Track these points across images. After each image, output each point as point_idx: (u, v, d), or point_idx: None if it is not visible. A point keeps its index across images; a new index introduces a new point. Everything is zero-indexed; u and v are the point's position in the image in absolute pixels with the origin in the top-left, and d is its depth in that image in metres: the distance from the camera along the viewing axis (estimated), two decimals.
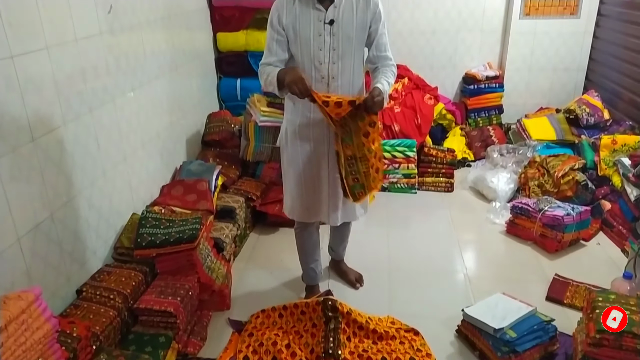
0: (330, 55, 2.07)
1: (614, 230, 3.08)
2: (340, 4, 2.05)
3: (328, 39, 2.05)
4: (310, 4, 2.04)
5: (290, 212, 2.40)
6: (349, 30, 2.06)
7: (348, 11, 2.05)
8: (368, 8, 2.07)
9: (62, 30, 2.05)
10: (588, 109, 3.96)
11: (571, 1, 4.28)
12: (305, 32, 2.06)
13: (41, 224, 1.93)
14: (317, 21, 2.04)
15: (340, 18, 2.04)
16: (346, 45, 2.07)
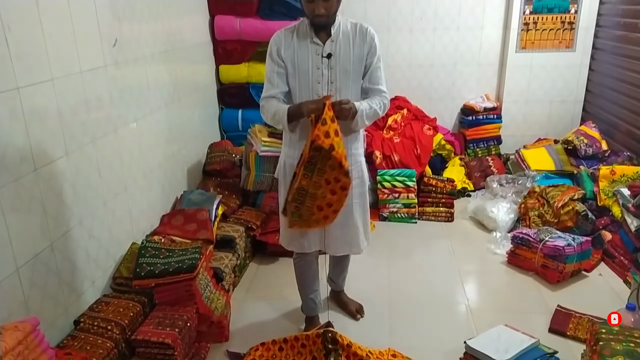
0: (328, 88, 2.11)
1: (615, 261, 3.07)
2: (338, 38, 2.10)
3: (326, 72, 2.09)
4: (307, 38, 2.09)
5: (288, 244, 2.40)
6: (346, 64, 2.10)
7: (345, 45, 2.10)
8: (364, 42, 2.12)
9: (68, 62, 2.10)
10: (586, 140, 4.00)
11: (566, 35, 4.38)
12: (304, 65, 2.10)
13: (41, 254, 1.93)
14: (314, 55, 2.09)
15: (338, 52, 2.09)
16: (343, 79, 2.11)
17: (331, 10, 2.02)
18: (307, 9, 2.03)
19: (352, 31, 2.12)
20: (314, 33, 2.09)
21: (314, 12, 2.00)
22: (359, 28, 2.13)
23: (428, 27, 4.52)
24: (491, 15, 4.46)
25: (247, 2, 3.86)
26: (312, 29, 2.10)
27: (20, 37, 1.81)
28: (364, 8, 4.44)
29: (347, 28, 2.13)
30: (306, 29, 2.11)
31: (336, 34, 2.10)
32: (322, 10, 1.99)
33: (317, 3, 1.98)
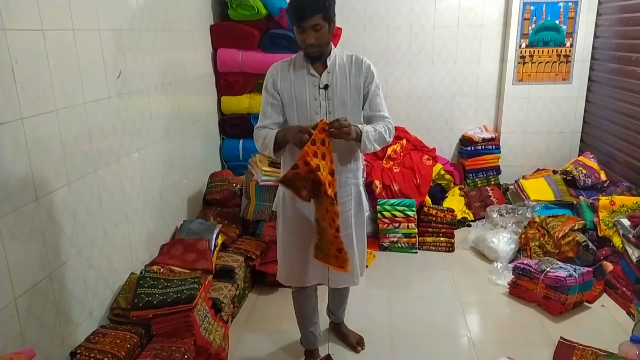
0: (326, 119, 2.12)
1: (617, 292, 3.04)
2: (334, 69, 2.12)
3: (324, 103, 2.12)
4: (304, 69, 2.12)
5: (287, 279, 2.37)
6: (343, 95, 2.12)
7: (341, 76, 2.12)
8: (360, 72, 2.14)
9: (72, 94, 2.13)
10: (584, 171, 4.02)
11: (563, 68, 4.46)
12: (301, 97, 2.13)
13: (39, 284, 1.92)
14: (312, 86, 2.12)
15: (334, 83, 2.11)
16: (341, 109, 2.13)
17: (322, 40, 2.02)
18: (299, 39, 2.04)
19: (347, 62, 2.15)
20: (310, 64, 2.12)
21: (305, 42, 2.01)
22: (355, 59, 2.15)
23: (426, 60, 4.61)
24: (487, 48, 4.56)
25: (250, 36, 3.95)
26: (308, 61, 2.12)
27: (26, 69, 1.85)
28: (363, 42, 4.54)
29: (343, 60, 2.15)
30: (302, 61, 2.13)
31: (332, 66, 2.12)
32: (313, 39, 1.99)
33: (308, 33, 1.99)
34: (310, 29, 1.98)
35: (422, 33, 4.55)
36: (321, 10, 1.96)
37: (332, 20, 2.05)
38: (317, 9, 1.95)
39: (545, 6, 4.31)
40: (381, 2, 4.50)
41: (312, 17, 1.95)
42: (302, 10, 1.95)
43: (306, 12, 1.95)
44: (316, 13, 1.95)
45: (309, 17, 1.95)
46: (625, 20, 3.89)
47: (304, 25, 1.97)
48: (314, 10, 1.95)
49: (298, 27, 2.00)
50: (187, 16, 3.49)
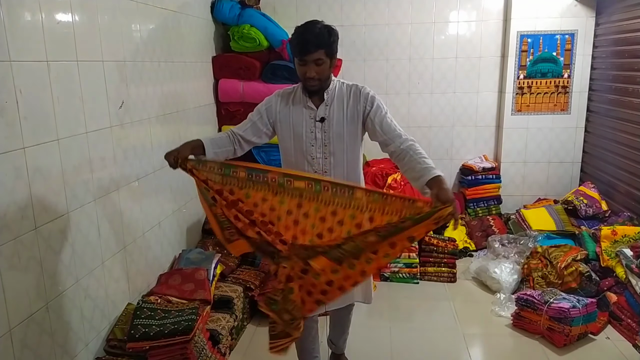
0: (322, 151, 2.13)
1: (622, 323, 2.99)
2: (332, 102, 2.12)
3: (320, 136, 2.12)
4: (302, 102, 2.13)
5: None
6: (339, 128, 2.11)
7: (338, 109, 2.11)
8: (358, 101, 2.11)
9: (74, 123, 2.15)
10: (586, 200, 4.01)
11: (561, 98, 4.50)
12: (298, 128, 2.13)
13: (35, 314, 1.89)
14: (308, 118, 2.13)
15: (331, 115, 2.11)
16: (337, 142, 2.12)
17: (323, 74, 2.02)
18: (299, 71, 2.04)
19: (346, 93, 2.12)
20: (308, 97, 2.12)
21: (305, 75, 2.01)
22: (354, 89, 2.13)
23: (425, 91, 4.67)
24: (486, 79, 4.62)
25: (251, 67, 4.02)
26: (306, 93, 2.12)
27: (30, 99, 1.87)
28: (363, 72, 4.61)
29: (342, 91, 2.13)
30: (301, 92, 2.14)
31: (330, 99, 2.12)
32: (314, 73, 1.99)
33: (309, 67, 1.99)
34: (312, 63, 1.98)
35: (421, 64, 4.62)
36: (325, 46, 1.98)
37: (334, 56, 2.07)
38: (321, 44, 1.97)
39: (542, 38, 4.39)
40: (380, 34, 4.59)
41: (316, 51, 1.96)
42: (305, 44, 1.96)
43: (310, 47, 1.96)
44: (320, 48, 1.97)
45: (312, 52, 1.96)
46: (621, 52, 3.95)
47: (306, 58, 1.98)
48: (317, 45, 1.96)
49: (300, 59, 2.01)
50: (190, 48, 3.55)
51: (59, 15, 2.05)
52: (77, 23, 2.17)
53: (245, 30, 3.95)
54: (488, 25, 4.51)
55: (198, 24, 3.73)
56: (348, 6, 4.54)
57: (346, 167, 2.16)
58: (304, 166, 2.15)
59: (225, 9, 3.96)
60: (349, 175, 2.17)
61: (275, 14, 4.47)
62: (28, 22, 1.88)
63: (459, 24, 4.54)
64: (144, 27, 2.81)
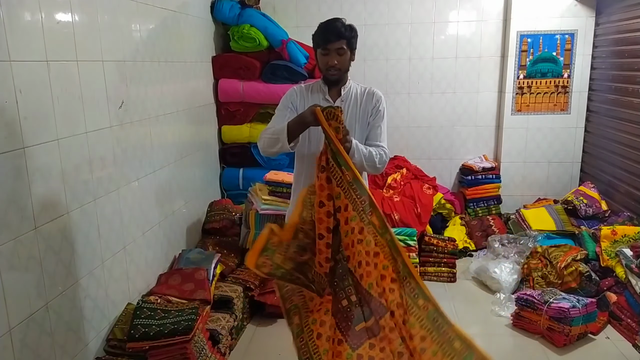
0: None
1: (622, 323, 2.99)
2: (348, 97, 2.25)
3: None
4: (321, 95, 2.25)
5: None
6: (352, 123, 2.23)
7: (353, 106, 2.25)
8: (370, 102, 2.26)
9: (74, 123, 2.15)
10: (585, 200, 4.01)
11: (561, 98, 4.50)
12: None
13: (35, 314, 1.89)
14: None
15: (346, 111, 2.22)
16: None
17: (343, 65, 2.17)
18: (321, 62, 2.19)
19: (361, 94, 2.28)
20: (327, 91, 2.25)
21: (327, 64, 2.15)
22: (368, 91, 2.29)
23: (425, 91, 4.67)
24: (486, 80, 4.62)
25: (251, 67, 4.02)
26: (325, 87, 2.25)
27: (30, 99, 1.87)
28: (363, 72, 4.60)
29: (357, 91, 2.28)
30: (320, 86, 2.27)
31: (346, 95, 2.25)
32: (335, 62, 2.13)
33: (332, 56, 2.14)
34: (334, 52, 2.13)
35: (421, 64, 4.62)
36: (346, 38, 2.14)
37: (353, 52, 2.21)
38: (343, 35, 2.13)
39: (542, 38, 4.39)
40: (380, 35, 4.59)
41: (338, 41, 2.12)
42: (329, 33, 2.13)
43: (333, 36, 2.12)
44: (342, 38, 2.13)
45: (334, 41, 2.12)
46: (620, 52, 3.95)
47: (330, 47, 2.13)
48: (340, 35, 2.12)
49: (323, 49, 2.15)
50: (190, 48, 3.55)
51: (59, 15, 2.05)
52: (77, 23, 2.17)
53: (245, 30, 3.95)
54: (488, 25, 4.51)
55: (198, 24, 3.73)
56: (347, 6, 4.54)
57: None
58: (313, 158, 2.17)
59: (225, 8, 3.96)
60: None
61: (275, 14, 4.47)
62: (28, 22, 1.88)
63: (458, 24, 4.53)
64: (144, 27, 2.81)
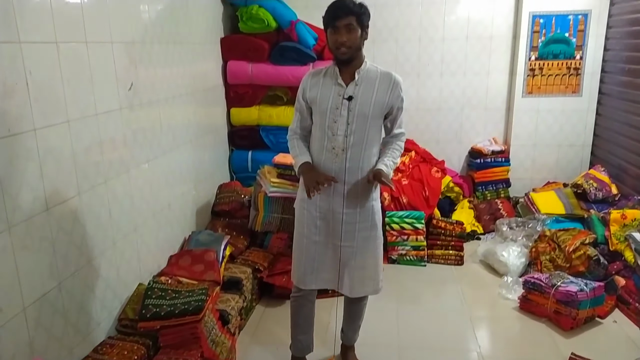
0: (345, 129, 2.16)
1: (630, 307, 2.99)
2: (362, 82, 2.17)
3: (345, 113, 2.16)
4: (334, 78, 2.19)
5: (292, 275, 2.43)
6: (365, 109, 2.16)
7: (368, 90, 2.17)
8: (388, 89, 2.19)
9: (84, 105, 2.16)
10: (595, 184, 3.98)
11: (572, 80, 4.44)
12: (324, 104, 2.19)
13: (48, 294, 1.93)
14: (336, 95, 2.17)
15: (359, 96, 2.16)
16: (361, 122, 2.17)
17: (353, 42, 2.09)
18: (331, 41, 2.12)
19: (378, 77, 2.19)
20: (339, 74, 2.18)
21: (337, 42, 2.09)
22: (386, 76, 2.20)
23: (435, 72, 4.62)
24: (497, 61, 4.55)
25: (260, 49, 3.99)
26: (337, 70, 2.19)
27: (40, 81, 1.87)
28: (372, 54, 4.55)
29: (374, 75, 2.19)
30: (333, 70, 2.21)
31: (361, 78, 2.18)
32: (344, 38, 2.07)
33: (341, 32, 2.07)
34: (343, 29, 2.07)
35: (431, 45, 4.56)
36: (355, 14, 2.07)
37: (365, 30, 2.14)
38: (352, 11, 2.07)
39: (555, 19, 4.31)
40: (390, 15, 4.52)
41: (346, 17, 2.06)
42: (337, 10, 2.07)
43: (341, 12, 2.06)
44: (351, 14, 2.06)
45: (342, 17, 2.06)
46: (636, 33, 3.87)
47: (338, 24, 2.06)
48: (348, 11, 2.06)
49: (332, 26, 2.09)
50: (198, 29, 3.53)
51: None
52: (86, 3, 2.15)
53: (254, 11, 3.91)
54: (500, 4, 4.43)
55: (206, 5, 3.70)
56: None
57: (364, 148, 2.21)
58: (324, 142, 2.22)
59: None
60: (364, 156, 2.22)
61: None
62: (37, 3, 1.87)
63: (470, 4, 4.46)
64: (153, 8, 2.79)
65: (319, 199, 2.26)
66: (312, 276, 2.34)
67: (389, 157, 2.25)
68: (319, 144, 2.24)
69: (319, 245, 2.31)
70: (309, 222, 2.31)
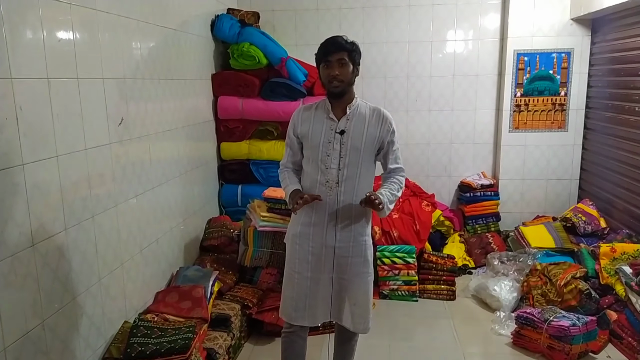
0: (338, 162, 2.18)
1: (623, 342, 2.97)
2: (353, 116, 2.21)
3: (337, 147, 2.19)
4: (325, 113, 2.23)
5: (281, 311, 2.39)
6: (357, 142, 2.20)
7: (359, 124, 2.21)
8: (379, 124, 2.23)
9: (74, 140, 2.16)
10: (584, 218, 4.01)
11: (558, 116, 4.54)
12: (316, 138, 2.21)
13: (30, 333, 1.87)
14: (328, 129, 2.21)
15: (351, 130, 2.20)
16: (354, 155, 2.20)
17: (346, 76, 2.15)
18: (323, 75, 2.18)
19: (369, 113, 2.25)
20: (331, 108, 2.22)
21: (329, 75, 2.14)
22: (376, 111, 2.26)
23: (423, 108, 4.70)
24: (483, 97, 4.65)
25: (250, 84, 4.05)
26: (329, 104, 2.23)
27: (30, 116, 1.88)
28: (361, 89, 4.63)
29: (364, 110, 2.25)
30: (325, 105, 2.25)
31: (352, 113, 2.22)
32: (337, 72, 2.12)
33: (333, 67, 2.13)
34: (335, 63, 2.13)
35: (419, 82, 4.66)
36: (347, 50, 2.15)
37: (356, 66, 2.20)
38: (344, 47, 2.15)
39: (539, 57, 4.44)
40: (378, 52, 4.63)
41: (339, 52, 2.13)
42: (330, 45, 2.15)
43: (333, 48, 2.14)
44: (343, 50, 2.14)
45: (335, 52, 2.13)
46: (617, 70, 3.99)
47: (331, 58, 2.13)
48: (341, 47, 2.14)
49: (325, 61, 2.15)
50: (190, 66, 3.58)
51: (60, 33, 2.07)
52: (78, 41, 2.19)
53: (245, 48, 3.99)
54: (485, 43, 4.57)
55: (198, 42, 3.76)
56: (346, 24, 4.60)
57: (358, 182, 2.23)
58: (317, 175, 2.23)
59: (225, 27, 4.00)
60: (358, 189, 2.23)
61: (275, 33, 4.52)
62: (29, 39, 1.89)
63: (456, 43, 4.59)
64: (145, 45, 2.83)
65: (312, 232, 2.25)
66: (303, 312, 2.31)
67: (387, 189, 2.25)
68: (312, 178, 2.25)
69: (310, 281, 2.29)
70: (301, 257, 2.29)
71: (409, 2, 4.55)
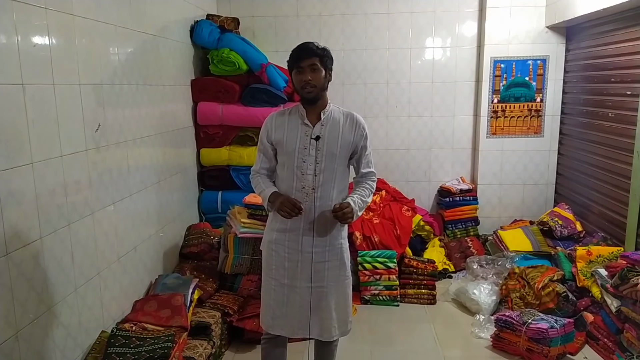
0: (314, 168, 2.19)
1: (599, 343, 3.02)
2: (328, 122, 2.22)
3: (312, 153, 2.19)
4: (299, 119, 2.23)
5: (260, 319, 2.39)
6: (333, 148, 2.21)
7: (334, 130, 2.22)
8: (353, 129, 2.25)
9: (49, 147, 2.12)
10: (561, 221, 4.08)
11: (534, 122, 4.62)
12: (291, 144, 2.21)
13: (3, 345, 1.82)
14: (303, 135, 2.21)
15: (326, 135, 2.21)
16: (329, 161, 2.21)
17: (318, 81, 2.16)
18: (296, 81, 2.18)
19: (343, 118, 2.26)
20: (305, 114, 2.22)
21: (302, 81, 2.14)
22: (349, 116, 2.28)
23: (403, 114, 4.75)
24: (461, 104, 4.72)
25: (230, 90, 4.03)
26: (304, 110, 2.23)
27: (4, 122, 1.84)
28: (342, 95, 4.66)
29: (338, 115, 2.27)
30: (299, 110, 2.25)
31: (327, 119, 2.23)
32: (309, 77, 2.13)
33: (305, 72, 2.13)
34: (307, 68, 2.14)
35: (399, 88, 4.71)
36: (318, 55, 2.16)
37: (328, 72, 2.22)
38: (315, 53, 2.15)
39: (515, 64, 4.52)
40: (358, 59, 4.67)
41: (310, 58, 2.14)
42: (301, 52, 2.16)
43: (304, 54, 2.15)
44: (314, 56, 2.15)
45: (306, 58, 2.14)
46: (590, 77, 4.09)
47: (302, 64, 2.13)
48: (312, 53, 2.15)
49: (297, 67, 2.15)
50: (169, 71, 3.55)
51: (36, 37, 2.04)
52: (54, 46, 2.15)
53: (225, 54, 3.97)
54: (463, 50, 4.64)
55: (177, 48, 3.74)
56: (326, 31, 4.62)
57: (334, 186, 2.24)
58: (293, 182, 2.22)
59: (204, 33, 3.98)
60: (334, 194, 2.25)
61: (255, 39, 4.52)
62: (3, 44, 1.86)
63: (434, 50, 4.65)
64: (122, 50, 2.80)
65: (288, 239, 2.25)
66: (281, 321, 2.30)
67: (358, 195, 2.28)
68: (287, 184, 2.24)
69: (287, 288, 2.29)
70: (277, 264, 2.29)
71: (388, 10, 4.60)
